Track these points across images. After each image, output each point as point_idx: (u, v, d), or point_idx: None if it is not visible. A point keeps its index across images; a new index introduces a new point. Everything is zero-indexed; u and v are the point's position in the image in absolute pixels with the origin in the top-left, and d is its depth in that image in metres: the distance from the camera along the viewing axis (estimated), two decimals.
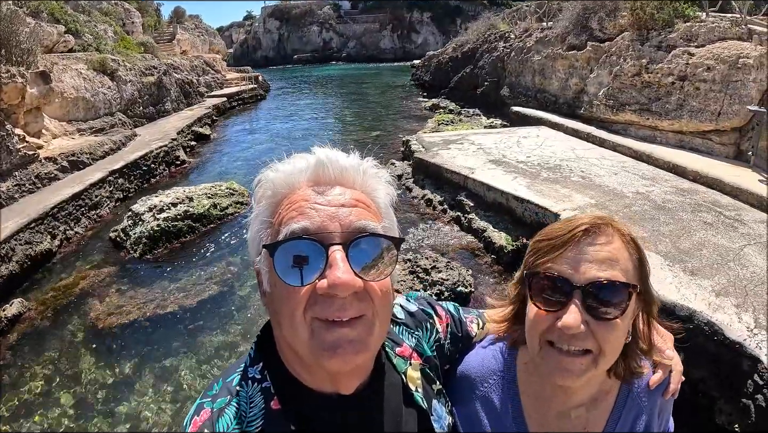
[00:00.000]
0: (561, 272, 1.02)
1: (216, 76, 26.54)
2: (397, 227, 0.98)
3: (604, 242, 1.02)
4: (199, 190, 8.95)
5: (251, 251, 0.95)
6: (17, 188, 8.42)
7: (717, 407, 3.62)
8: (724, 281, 4.42)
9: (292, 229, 0.83)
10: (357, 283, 0.81)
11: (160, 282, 6.79)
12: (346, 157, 0.94)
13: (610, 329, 0.99)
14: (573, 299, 1.00)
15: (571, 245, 1.03)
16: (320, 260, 0.81)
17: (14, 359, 5.33)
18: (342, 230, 0.84)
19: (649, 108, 9.54)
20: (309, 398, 0.92)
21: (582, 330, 0.99)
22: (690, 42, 9.20)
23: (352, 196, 0.89)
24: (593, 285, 0.98)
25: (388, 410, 0.99)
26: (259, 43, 74.69)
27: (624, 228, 1.06)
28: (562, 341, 1.01)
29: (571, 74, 12.94)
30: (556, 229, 1.08)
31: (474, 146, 10.52)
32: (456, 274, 5.97)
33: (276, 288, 0.86)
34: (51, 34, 13.87)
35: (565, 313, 0.99)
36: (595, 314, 0.99)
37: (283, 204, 0.89)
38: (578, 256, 1.02)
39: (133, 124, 14.81)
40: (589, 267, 1.00)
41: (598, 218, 1.06)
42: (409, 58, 49.80)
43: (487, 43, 20.24)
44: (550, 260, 1.05)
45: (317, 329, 0.82)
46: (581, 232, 1.03)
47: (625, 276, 1.00)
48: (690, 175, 7.55)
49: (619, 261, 1.01)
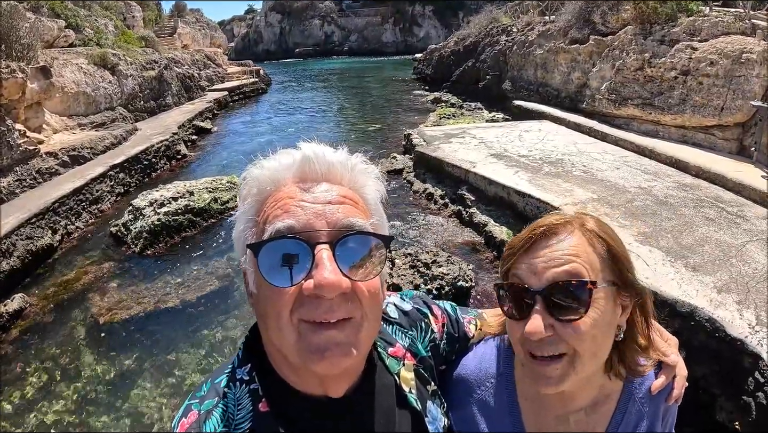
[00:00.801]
0: (521, 278, 1.01)
1: (217, 70, 26.49)
2: (387, 225, 0.96)
3: (557, 241, 1.00)
4: (199, 185, 8.91)
5: (237, 251, 0.93)
6: (18, 183, 8.41)
7: (718, 404, 3.61)
8: (725, 278, 4.40)
9: (277, 227, 0.81)
10: (344, 283, 0.78)
11: (161, 277, 6.79)
12: (334, 152, 0.91)
13: (578, 328, 0.96)
14: (534, 305, 0.98)
15: (528, 251, 1.02)
16: (306, 260, 0.79)
17: (16, 354, 5.34)
18: (329, 228, 0.82)
19: (651, 102, 9.49)
20: (297, 401, 0.90)
21: (548, 335, 0.97)
22: (693, 36, 9.14)
23: (340, 193, 0.87)
24: (550, 287, 0.96)
25: (379, 411, 0.97)
26: (260, 37, 74.57)
27: (590, 223, 1.03)
28: (534, 348, 1.00)
29: (573, 68, 12.88)
30: (519, 234, 1.06)
31: (475, 140, 10.49)
32: (457, 268, 5.93)
33: (261, 289, 0.84)
34: (51, 29, 13.83)
35: (528, 320, 0.98)
36: (558, 317, 0.96)
37: (269, 202, 0.87)
38: (534, 260, 1.00)
39: (134, 118, 14.77)
40: (545, 269, 0.98)
41: (563, 218, 1.03)
42: (411, 51, 49.65)
43: (489, 36, 20.15)
44: (512, 267, 1.04)
45: (304, 331, 0.80)
46: (539, 234, 1.01)
47: (586, 271, 0.97)
48: (692, 171, 7.52)
49: (578, 257, 0.98)
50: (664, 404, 1.16)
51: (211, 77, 24.99)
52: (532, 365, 1.02)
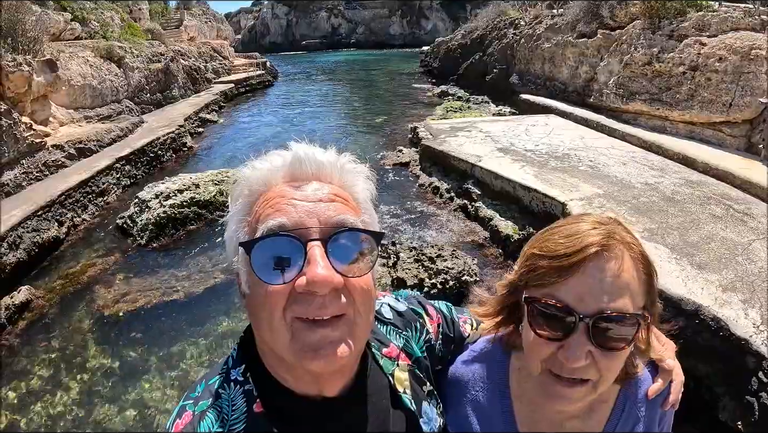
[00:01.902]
0: (565, 301, 0.94)
1: (223, 62, 26.41)
2: (377, 222, 0.97)
3: (614, 268, 0.93)
4: (205, 177, 8.91)
5: (229, 252, 0.94)
6: (25, 176, 8.44)
7: (721, 403, 3.59)
8: (731, 276, 4.37)
9: (269, 226, 0.82)
10: (336, 279, 0.79)
11: (166, 269, 6.81)
12: (324, 152, 0.93)
13: (614, 358, 0.94)
14: (578, 331, 0.92)
15: (578, 272, 0.94)
16: (299, 257, 0.80)
17: (22, 346, 5.38)
18: (320, 225, 0.83)
19: (659, 98, 9.41)
20: (292, 401, 0.91)
21: (586, 363, 0.93)
22: (702, 32, 9.03)
23: (330, 191, 0.88)
24: (601, 318, 0.91)
25: (374, 412, 0.98)
26: (267, 29, 74.37)
27: (633, 242, 0.98)
28: (563, 371, 0.96)
29: (581, 62, 12.78)
30: (559, 244, 0.97)
31: (482, 134, 10.44)
32: (461, 263, 5.91)
33: (254, 287, 0.85)
34: (57, 22, 13.85)
35: (569, 346, 0.93)
36: (602, 345, 0.92)
37: (260, 201, 0.89)
38: (585, 284, 0.93)
39: (140, 110, 14.79)
40: (597, 297, 0.92)
41: (607, 235, 0.96)
42: (419, 44, 49.26)
43: (496, 30, 20.00)
44: (553, 285, 0.96)
45: (297, 330, 0.81)
46: (591, 255, 0.94)
47: (633, 302, 0.93)
48: (700, 167, 7.46)
49: (629, 287, 0.93)
50: (660, 409, 1.16)
51: (218, 69, 24.93)
52: (553, 384, 0.99)
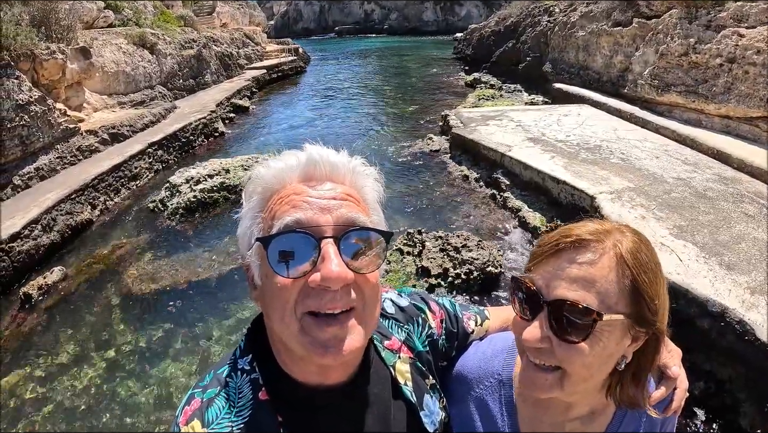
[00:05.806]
0: (536, 283, 0.99)
1: (256, 48, 26.62)
2: (384, 222, 1.01)
3: (585, 260, 0.95)
4: (235, 162, 9.05)
5: (242, 246, 0.98)
6: (59, 160, 8.71)
7: (742, 409, 3.51)
8: (760, 279, 4.21)
9: (285, 222, 0.86)
10: (348, 275, 0.84)
11: (194, 251, 6.97)
12: (336, 154, 0.97)
13: (572, 351, 0.94)
14: (540, 313, 0.97)
15: (552, 257, 0.99)
16: (313, 253, 0.84)
17: (52, 323, 5.59)
18: (333, 223, 0.86)
19: (695, 90, 9.10)
20: (296, 390, 0.95)
21: (543, 346, 0.96)
22: (740, 22, 8.67)
23: (343, 192, 0.92)
24: (557, 303, 0.94)
25: (375, 402, 1.02)
26: (300, 15, 74.56)
27: (625, 246, 0.96)
28: (530, 352, 1.00)
29: (615, 51, 12.43)
30: (552, 234, 1.03)
31: (513, 123, 10.30)
32: (486, 254, 5.83)
33: (268, 281, 0.88)
34: (91, 10, 14.10)
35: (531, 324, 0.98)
36: (558, 333, 0.95)
37: (274, 199, 0.92)
38: (555, 270, 0.97)
39: (173, 96, 15.07)
40: (560, 283, 0.95)
41: (597, 233, 0.97)
42: (452, 31, 48.68)
43: (530, 17, 19.61)
44: (534, 268, 1.02)
45: (308, 325, 0.85)
46: (568, 243, 0.97)
47: (600, 301, 0.92)
48: (734, 163, 7.20)
49: (595, 283, 0.93)
50: (663, 415, 1.14)
51: (250, 56, 25.14)
52: (526, 367, 1.02)
